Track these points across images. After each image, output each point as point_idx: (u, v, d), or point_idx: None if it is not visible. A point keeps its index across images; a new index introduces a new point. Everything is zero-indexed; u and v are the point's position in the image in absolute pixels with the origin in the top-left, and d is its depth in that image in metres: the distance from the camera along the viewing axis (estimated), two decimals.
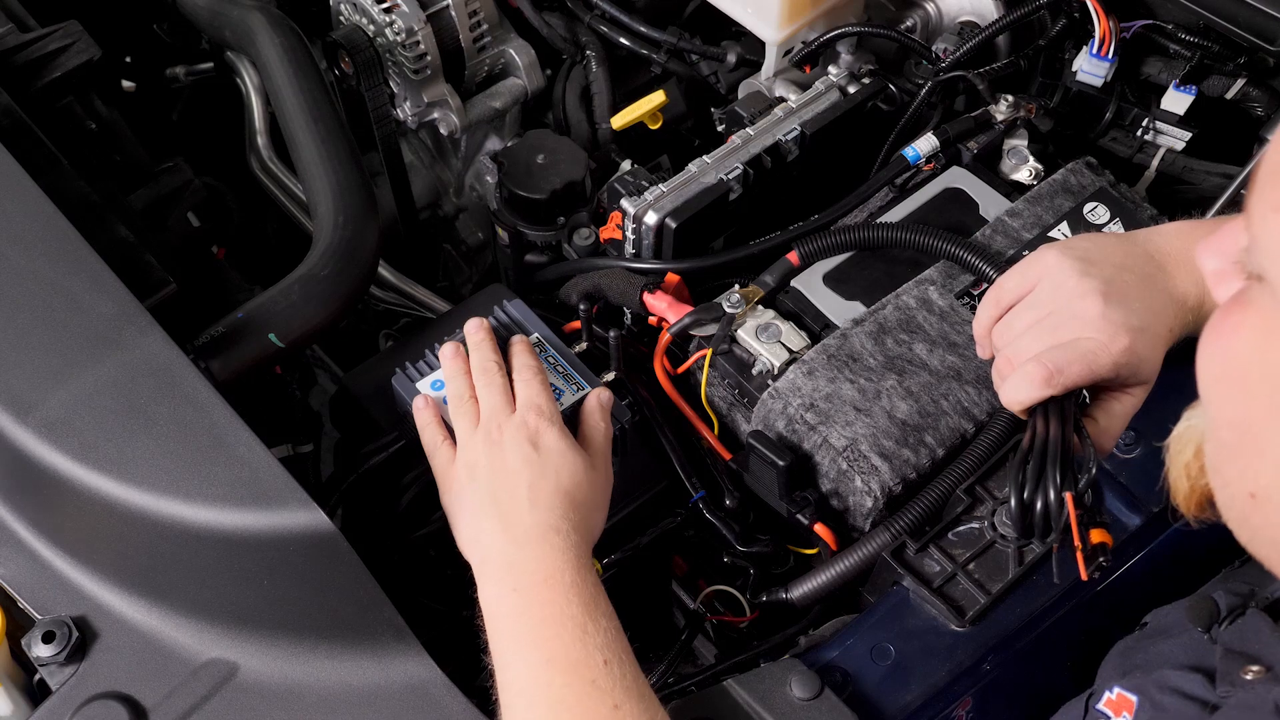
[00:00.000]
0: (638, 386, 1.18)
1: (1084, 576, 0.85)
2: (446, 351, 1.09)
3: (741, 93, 1.50)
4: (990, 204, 1.27)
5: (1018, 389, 0.90)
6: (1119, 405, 0.92)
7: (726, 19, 1.48)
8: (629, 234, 1.28)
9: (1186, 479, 0.73)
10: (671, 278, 1.25)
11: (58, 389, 1.02)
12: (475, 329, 1.11)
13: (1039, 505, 0.85)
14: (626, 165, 1.37)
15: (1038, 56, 1.43)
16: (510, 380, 1.06)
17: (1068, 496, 0.84)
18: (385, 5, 1.43)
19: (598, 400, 1.07)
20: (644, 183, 1.30)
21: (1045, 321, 0.91)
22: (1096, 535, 0.85)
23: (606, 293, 1.26)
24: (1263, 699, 0.74)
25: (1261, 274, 0.59)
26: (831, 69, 1.40)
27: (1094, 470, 0.86)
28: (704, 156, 1.30)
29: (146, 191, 1.40)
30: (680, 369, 1.21)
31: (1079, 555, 0.85)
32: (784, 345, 1.16)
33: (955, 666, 0.99)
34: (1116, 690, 0.85)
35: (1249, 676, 0.76)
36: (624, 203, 1.27)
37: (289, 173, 1.53)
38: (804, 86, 1.41)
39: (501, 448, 0.99)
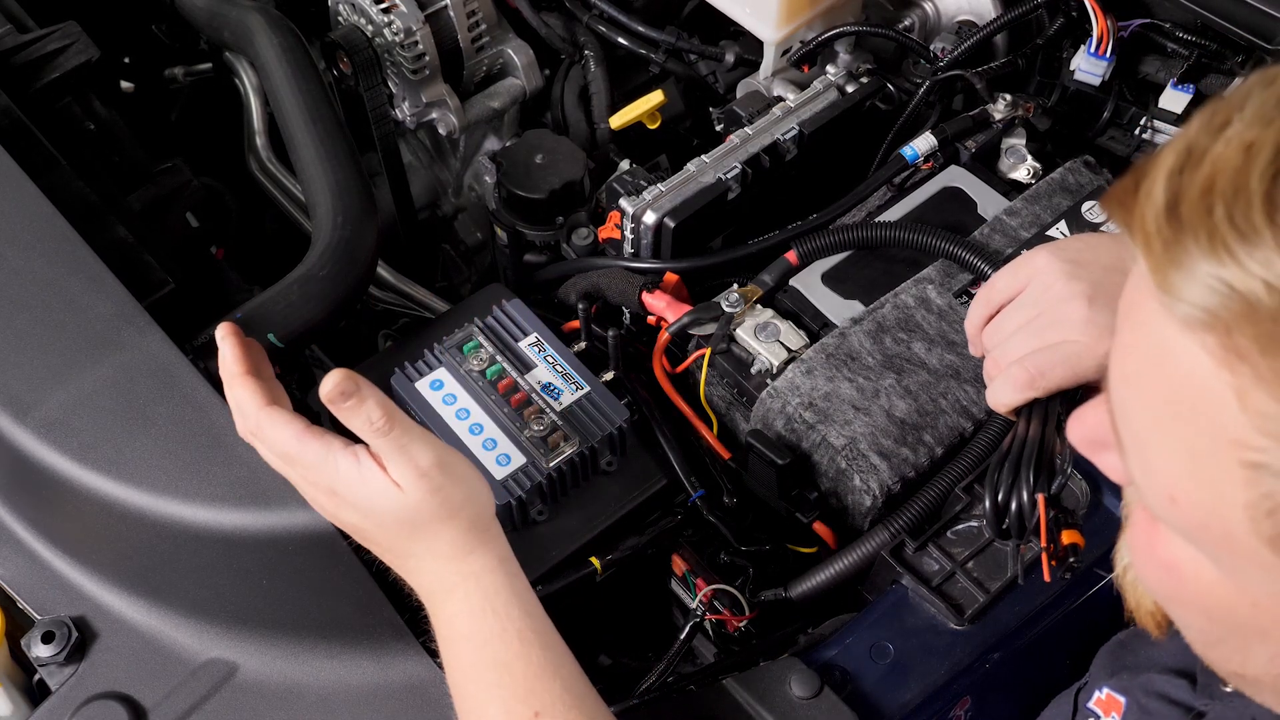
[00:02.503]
0: (636, 386, 1.18)
1: (1046, 578, 0.85)
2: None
3: (740, 92, 1.50)
4: (988, 203, 1.27)
5: (1001, 391, 0.90)
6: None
7: (725, 18, 1.48)
8: (627, 233, 1.28)
9: (1150, 614, 0.72)
10: (670, 277, 1.25)
11: (57, 389, 1.02)
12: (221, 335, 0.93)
13: (1013, 507, 0.85)
14: (625, 165, 1.37)
15: (1036, 55, 1.43)
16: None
17: (1040, 498, 0.85)
18: (383, 5, 1.43)
19: (335, 393, 0.82)
20: (642, 182, 1.30)
21: (1033, 323, 0.91)
22: (1068, 536, 0.85)
23: (605, 292, 1.26)
24: (1240, 713, 0.73)
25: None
26: (829, 68, 1.40)
27: (1069, 471, 0.86)
28: (702, 156, 1.30)
29: (145, 192, 1.40)
30: (679, 368, 1.21)
31: (1044, 557, 0.85)
32: (783, 344, 1.16)
33: (954, 665, 1.00)
34: (1106, 690, 0.85)
35: (1228, 689, 0.76)
36: (622, 202, 1.27)
37: (288, 173, 1.53)
38: (802, 86, 1.42)
39: (325, 512, 0.90)
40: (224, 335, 0.92)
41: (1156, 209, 0.52)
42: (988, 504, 0.86)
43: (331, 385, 0.83)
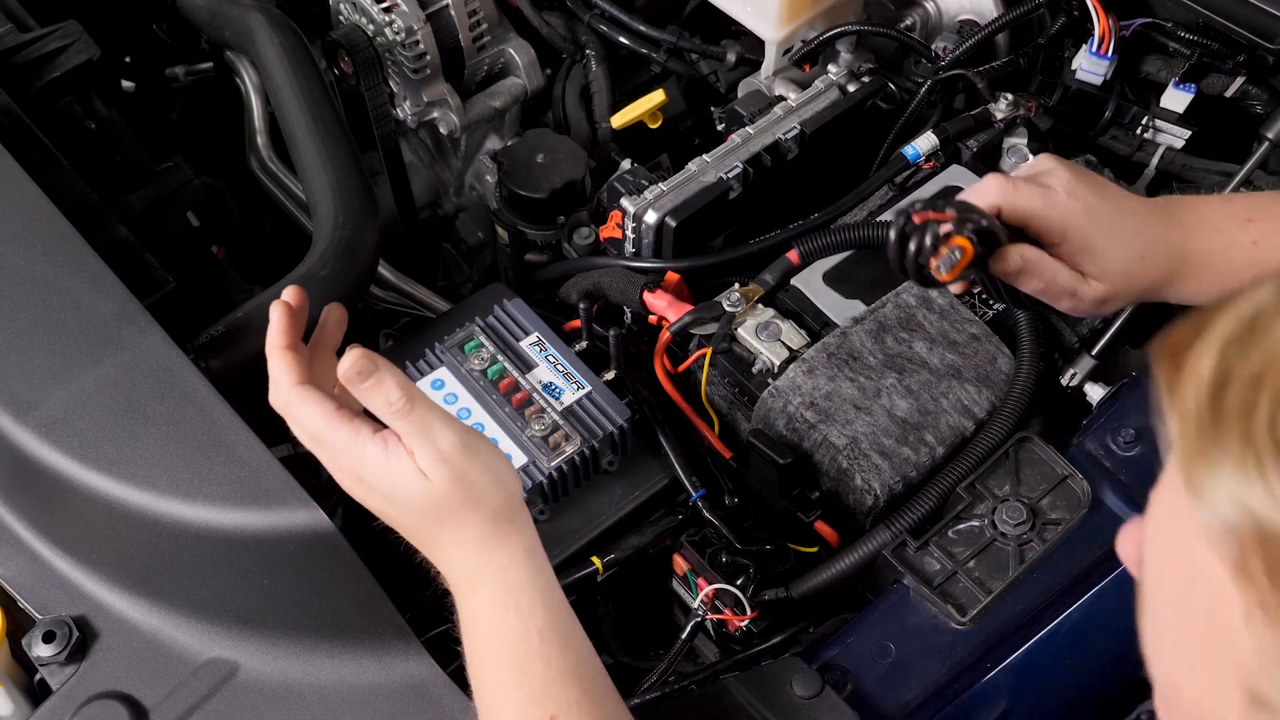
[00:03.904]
0: (638, 385, 1.18)
1: (946, 278, 0.85)
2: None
3: (741, 91, 1.50)
4: None
5: (970, 193, 0.90)
6: (1058, 265, 0.92)
7: (726, 18, 1.48)
8: (629, 233, 1.28)
9: None
10: (671, 276, 1.25)
11: (57, 388, 1.02)
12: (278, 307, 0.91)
13: (921, 232, 0.85)
14: (626, 164, 1.37)
15: (1037, 55, 1.42)
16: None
17: (951, 212, 0.84)
18: (385, 5, 1.43)
19: (353, 373, 0.82)
20: (644, 181, 1.30)
21: (1024, 168, 0.94)
22: (960, 240, 0.84)
23: (606, 291, 1.26)
24: None
25: None
26: (831, 68, 1.40)
27: (986, 225, 0.86)
28: (704, 155, 1.30)
29: (146, 191, 1.40)
30: (680, 368, 1.21)
31: (926, 238, 0.84)
32: (784, 344, 1.16)
33: (955, 665, 1.00)
34: None
35: None
36: (624, 201, 1.27)
37: (288, 172, 1.53)
38: (803, 85, 1.41)
39: (352, 494, 0.89)
40: (276, 304, 0.90)
41: (1200, 385, 0.47)
42: (895, 233, 0.86)
43: (349, 364, 0.82)
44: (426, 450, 0.83)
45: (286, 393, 0.87)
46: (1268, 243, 0.93)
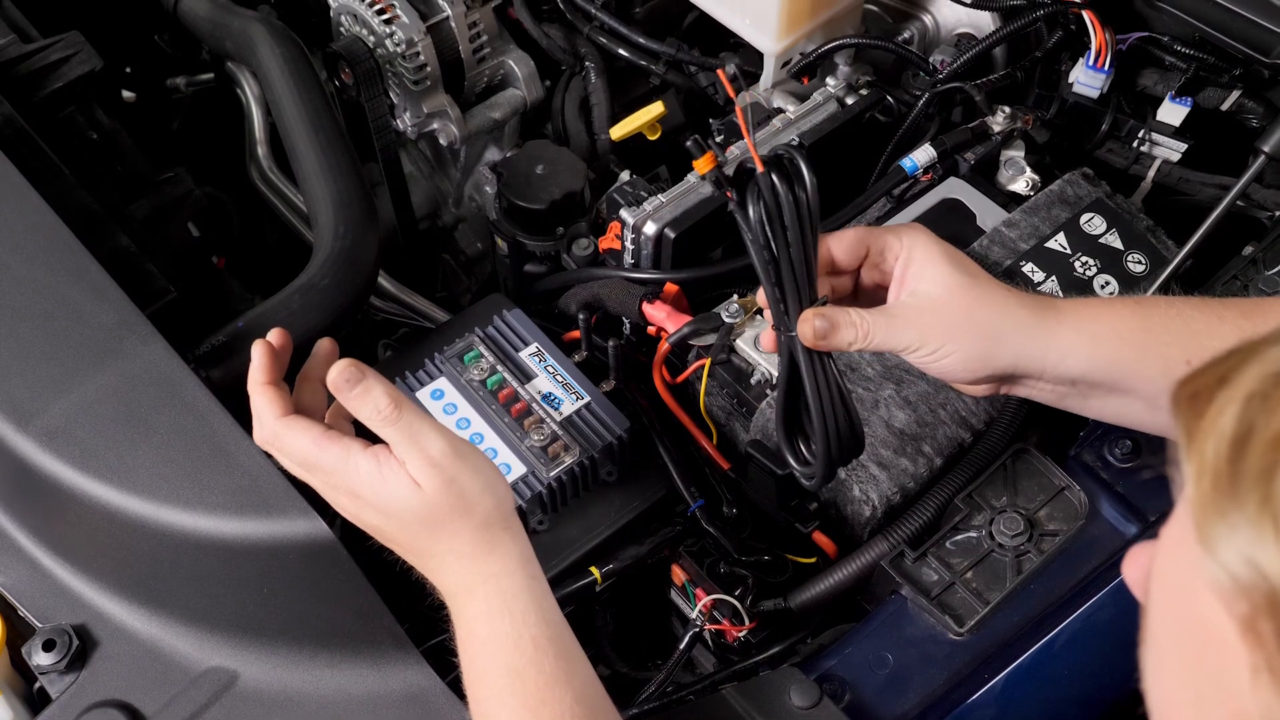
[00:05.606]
0: (636, 396, 1.18)
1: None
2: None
3: (740, 104, 1.50)
4: (987, 215, 1.27)
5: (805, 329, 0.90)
6: (871, 317, 0.90)
7: (725, 30, 1.48)
8: (628, 244, 1.28)
9: None
10: (670, 287, 1.26)
11: (59, 397, 1.02)
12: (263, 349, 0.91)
13: None
14: (625, 176, 1.37)
15: (1034, 68, 1.43)
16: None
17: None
18: (385, 16, 1.44)
19: (341, 380, 0.84)
20: (643, 193, 1.30)
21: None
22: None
23: (605, 302, 1.26)
24: None
25: None
26: (829, 80, 1.41)
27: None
28: None
29: (147, 201, 1.41)
30: (679, 379, 1.21)
31: None
32: None
33: (953, 675, 1.00)
34: None
35: None
36: (623, 213, 1.27)
37: (289, 183, 1.53)
38: (802, 98, 1.42)
39: (347, 514, 0.90)
40: (258, 343, 0.91)
41: (1221, 439, 0.46)
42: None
43: (337, 373, 0.84)
44: (416, 457, 0.84)
45: (272, 425, 0.88)
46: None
